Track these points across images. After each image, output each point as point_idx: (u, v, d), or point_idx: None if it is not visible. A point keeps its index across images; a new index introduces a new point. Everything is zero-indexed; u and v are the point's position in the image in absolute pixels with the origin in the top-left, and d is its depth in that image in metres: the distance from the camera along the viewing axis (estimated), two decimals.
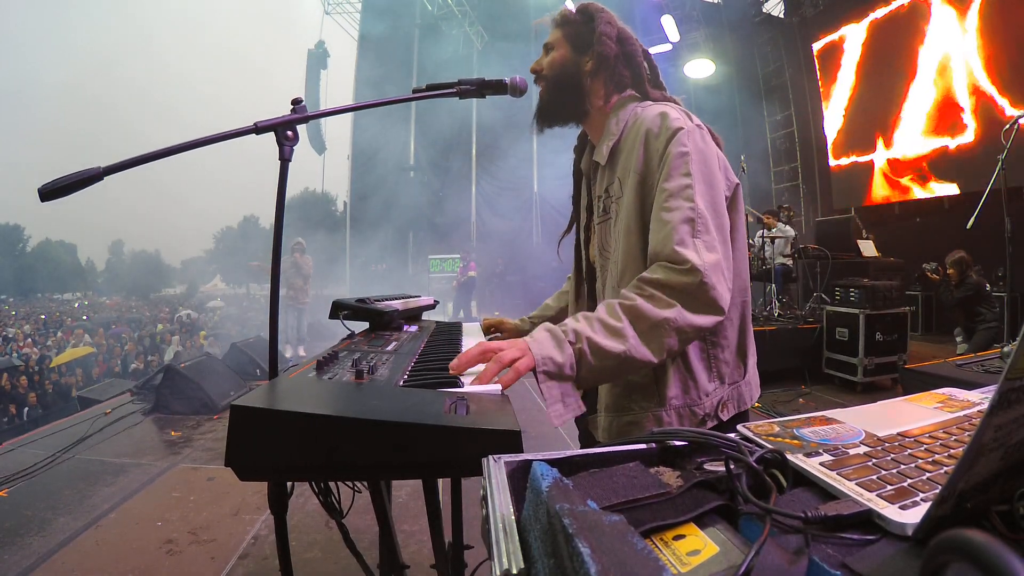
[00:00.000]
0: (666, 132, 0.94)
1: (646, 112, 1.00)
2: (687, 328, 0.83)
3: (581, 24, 1.09)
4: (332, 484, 1.00)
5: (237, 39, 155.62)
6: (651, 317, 0.82)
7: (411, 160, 12.49)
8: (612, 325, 0.82)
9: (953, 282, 4.77)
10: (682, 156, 0.92)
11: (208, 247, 48.32)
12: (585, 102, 1.10)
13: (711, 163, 0.94)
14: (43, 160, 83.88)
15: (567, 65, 1.08)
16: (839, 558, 0.34)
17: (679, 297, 0.84)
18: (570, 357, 0.79)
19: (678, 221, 0.88)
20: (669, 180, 0.92)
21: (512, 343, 0.80)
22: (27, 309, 29.45)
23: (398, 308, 1.31)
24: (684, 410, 0.99)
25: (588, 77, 1.08)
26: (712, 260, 0.86)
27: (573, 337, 0.81)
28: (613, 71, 1.07)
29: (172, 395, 4.43)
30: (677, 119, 0.96)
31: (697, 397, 0.99)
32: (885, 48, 8.71)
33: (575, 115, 1.13)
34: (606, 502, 0.40)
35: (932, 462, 0.45)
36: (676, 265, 0.86)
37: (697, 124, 0.97)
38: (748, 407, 1.03)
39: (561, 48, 1.09)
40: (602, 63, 1.06)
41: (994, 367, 1.80)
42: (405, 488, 2.77)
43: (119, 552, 2.31)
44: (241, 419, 0.58)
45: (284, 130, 0.97)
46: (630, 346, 0.81)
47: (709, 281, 0.84)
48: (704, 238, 0.88)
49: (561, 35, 1.10)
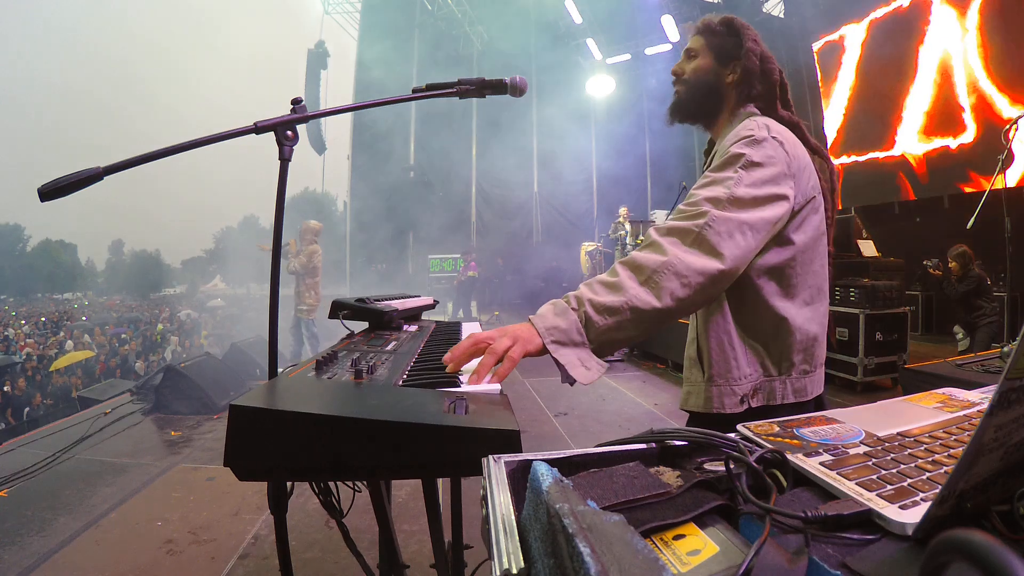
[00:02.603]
0: (736, 137, 0.99)
1: (745, 123, 1.04)
2: (686, 272, 0.83)
3: (726, 36, 1.15)
4: (332, 484, 1.00)
5: (237, 39, 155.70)
6: (648, 265, 0.83)
7: (411, 160, 12.48)
8: (609, 281, 0.84)
9: (956, 275, 4.76)
10: (737, 157, 0.95)
11: (208, 247, 48.37)
12: (718, 109, 1.16)
13: (769, 171, 0.94)
14: (43, 160, 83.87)
15: (710, 74, 1.15)
16: (839, 558, 0.34)
17: (679, 240, 0.85)
18: (575, 322, 0.80)
19: (704, 196, 0.90)
20: (717, 170, 0.95)
21: (502, 331, 0.79)
22: (27, 309, 29.46)
23: (398, 308, 1.31)
24: (725, 387, 1.03)
25: (726, 88, 1.15)
26: (726, 215, 0.87)
27: (575, 303, 0.82)
28: (750, 86, 1.13)
29: (172, 395, 4.43)
30: (754, 129, 0.99)
31: (736, 378, 1.03)
32: (885, 48, 8.70)
33: (705, 119, 1.19)
34: (606, 502, 0.39)
35: (932, 462, 0.45)
36: (686, 212, 0.89)
37: (774, 136, 0.98)
38: (780, 403, 1.04)
39: (705, 57, 1.15)
40: (743, 77, 1.12)
41: (994, 367, 1.80)
42: (405, 488, 2.77)
43: (119, 552, 2.31)
44: (241, 419, 0.58)
45: (284, 130, 0.97)
46: (630, 296, 0.81)
47: (715, 226, 0.85)
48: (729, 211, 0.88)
49: (704, 44, 1.16)
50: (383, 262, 12.32)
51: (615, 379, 5.24)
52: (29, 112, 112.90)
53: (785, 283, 1.02)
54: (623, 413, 4.08)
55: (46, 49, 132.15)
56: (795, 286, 1.03)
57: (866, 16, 9.04)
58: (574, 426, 3.85)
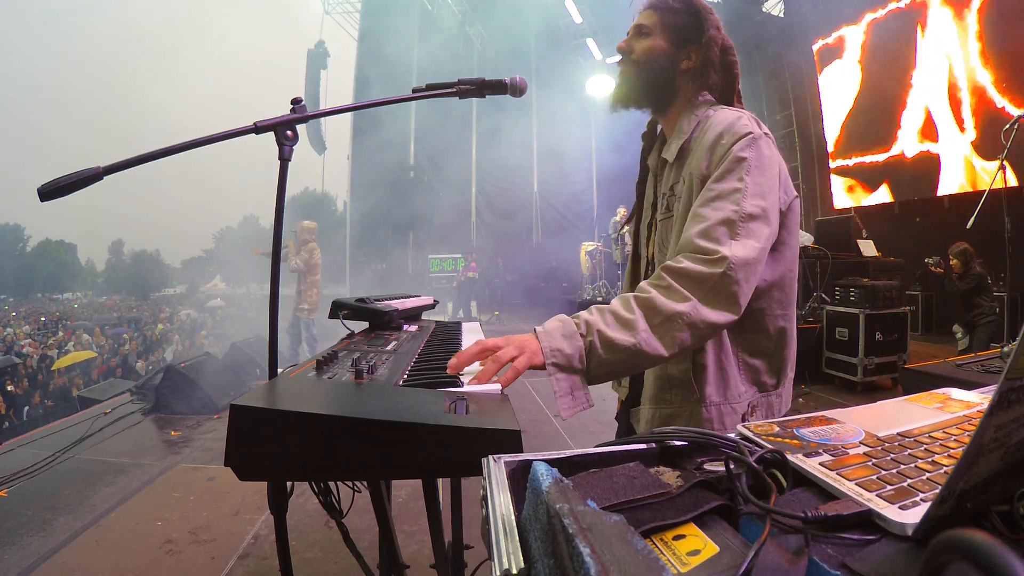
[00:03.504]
0: (732, 136, 0.93)
1: (718, 115, 0.99)
2: (700, 324, 0.81)
3: (684, 16, 1.04)
4: (332, 484, 1.00)
5: (237, 39, 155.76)
6: (665, 310, 0.80)
7: (411, 160, 12.47)
8: (624, 317, 0.81)
9: (957, 273, 4.76)
10: (740, 161, 0.90)
11: (208, 247, 48.30)
12: (670, 97, 1.07)
13: (769, 174, 0.92)
14: (43, 160, 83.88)
15: (664, 58, 1.05)
16: (839, 558, 0.34)
17: (697, 289, 0.82)
18: (579, 349, 0.78)
19: (716, 220, 0.86)
20: (720, 181, 0.90)
21: (509, 340, 0.79)
22: (27, 309, 29.46)
23: (397, 308, 1.31)
24: (725, 407, 0.99)
25: (681, 75, 1.05)
26: (743, 257, 0.84)
27: (584, 329, 0.80)
28: (707, 75, 1.05)
29: (172, 395, 4.43)
30: (746, 125, 0.94)
31: (735, 396, 0.99)
32: (885, 48, 8.71)
33: (656, 106, 1.10)
34: (606, 502, 0.39)
35: (932, 462, 0.45)
36: (703, 255, 0.84)
37: (765, 132, 0.96)
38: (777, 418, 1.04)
39: (658, 37, 1.05)
40: (701, 66, 1.04)
41: (994, 367, 1.80)
42: (405, 488, 2.76)
43: (119, 552, 2.31)
44: (241, 419, 0.58)
45: (284, 130, 0.97)
46: (641, 339, 0.79)
47: (734, 275, 0.82)
48: (742, 239, 0.85)
49: (659, 21, 1.05)
50: (383, 262, 12.31)
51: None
52: (29, 112, 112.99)
53: (783, 292, 1.00)
54: None
55: (46, 49, 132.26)
56: (789, 294, 1.01)
57: (866, 16, 9.04)
58: (574, 426, 3.85)
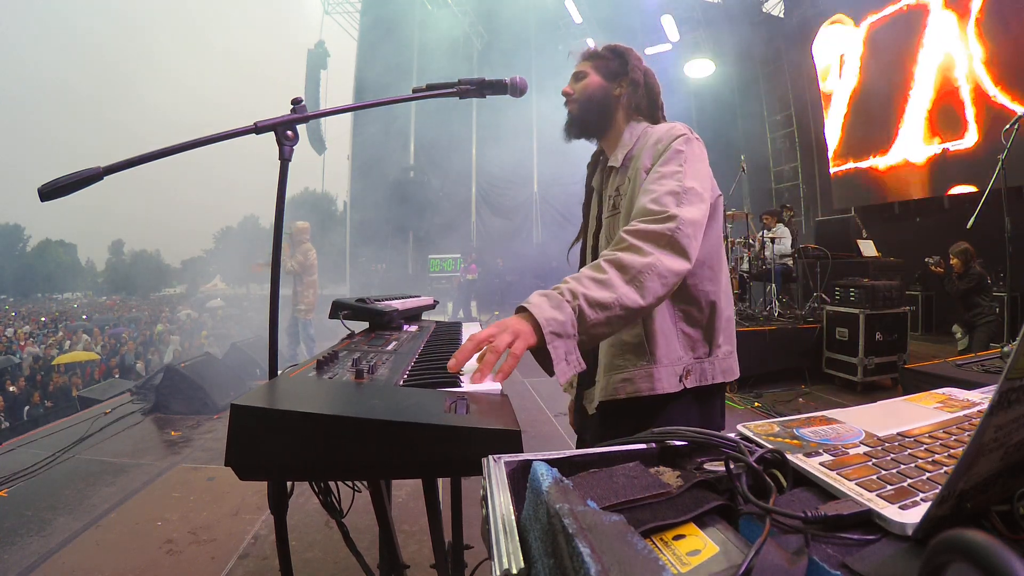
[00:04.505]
0: (671, 136, 1.11)
1: (656, 127, 1.19)
2: (666, 273, 0.91)
3: (611, 59, 1.28)
4: (332, 484, 1.00)
5: (237, 39, 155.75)
6: (634, 266, 0.90)
7: (411, 160, 12.47)
8: (599, 278, 0.89)
9: (957, 272, 4.75)
10: (679, 153, 1.07)
11: (208, 247, 48.26)
12: (609, 120, 1.28)
13: (701, 166, 1.08)
14: (43, 160, 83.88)
15: (599, 90, 1.27)
16: (839, 558, 0.34)
17: (656, 243, 0.93)
18: (570, 315, 0.83)
19: (664, 191, 1.00)
20: (664, 165, 1.07)
21: (500, 326, 0.80)
22: (27, 309, 29.46)
23: (398, 308, 1.32)
24: (670, 368, 1.12)
25: (615, 100, 1.27)
26: (690, 217, 0.96)
27: (569, 296, 0.85)
28: (636, 99, 1.26)
29: (172, 395, 4.43)
30: (681, 129, 1.13)
31: (676, 359, 1.13)
32: (885, 48, 8.70)
33: (598, 130, 1.31)
34: (606, 502, 0.39)
35: (932, 462, 0.45)
36: (655, 216, 0.97)
37: (696, 137, 1.14)
38: (711, 383, 1.16)
39: (593, 76, 1.28)
40: (630, 91, 1.26)
41: (994, 367, 1.80)
42: (405, 488, 2.77)
43: (119, 552, 2.31)
44: (241, 418, 0.58)
45: (284, 130, 0.97)
46: (620, 293, 0.87)
47: (684, 230, 0.95)
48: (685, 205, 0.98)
49: (591, 66, 1.28)
50: (383, 262, 12.31)
51: None
52: (29, 112, 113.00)
53: (711, 270, 1.15)
54: None
55: (46, 48, 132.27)
56: (717, 271, 1.16)
57: (866, 17, 9.04)
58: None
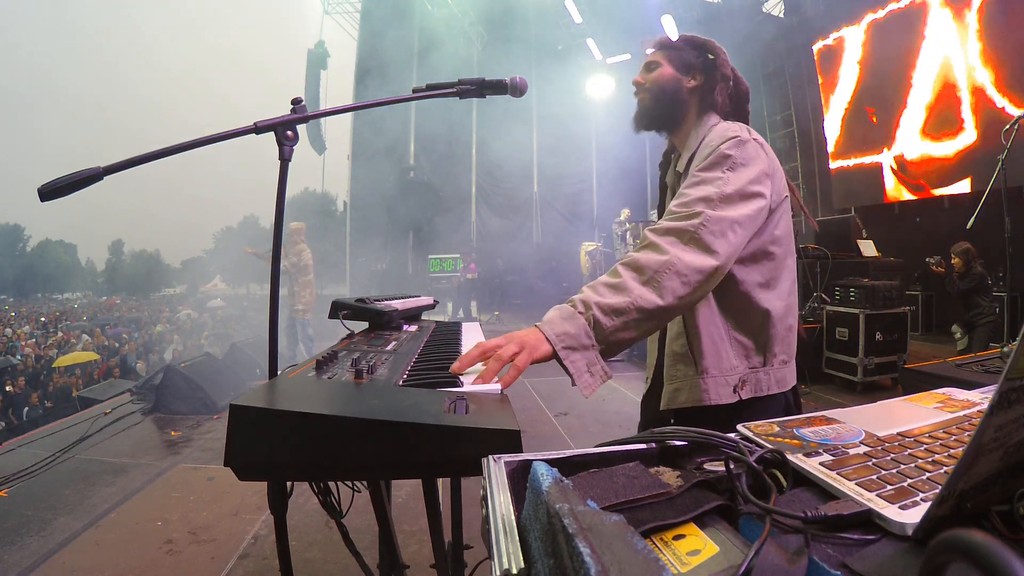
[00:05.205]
0: (722, 138, 1.05)
1: (717, 127, 1.11)
2: (686, 271, 0.87)
3: (685, 51, 1.21)
4: (332, 484, 1.00)
5: (237, 39, 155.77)
6: (650, 265, 0.86)
7: (411, 160, 12.47)
8: (612, 282, 0.86)
9: (958, 272, 4.75)
10: (726, 158, 1.00)
11: (208, 247, 48.21)
12: (680, 115, 1.21)
13: (753, 169, 1.00)
14: (43, 160, 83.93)
15: (670, 81, 1.20)
16: (839, 558, 0.34)
17: (676, 239, 0.89)
18: (583, 326, 0.81)
19: (696, 196, 0.95)
20: (706, 171, 1.00)
21: (509, 338, 0.80)
22: (27, 309, 29.45)
23: (397, 308, 1.31)
24: (720, 379, 1.06)
25: (688, 93, 1.20)
26: (721, 213, 0.91)
27: (581, 307, 0.83)
28: (713, 95, 1.18)
29: (172, 395, 4.43)
30: (735, 130, 1.05)
31: (728, 369, 1.07)
32: (885, 48, 8.70)
33: (668, 124, 1.23)
34: (606, 502, 0.39)
35: (932, 462, 0.45)
36: (680, 213, 0.93)
37: (755, 138, 1.06)
38: (766, 394, 1.09)
39: (665, 67, 1.21)
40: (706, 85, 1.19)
41: (994, 367, 1.79)
42: (405, 488, 2.76)
43: (119, 552, 2.31)
44: (241, 418, 0.58)
45: (284, 130, 0.96)
46: (635, 296, 0.84)
47: (709, 225, 0.90)
48: (719, 208, 0.92)
49: (664, 55, 1.22)
50: (383, 262, 12.30)
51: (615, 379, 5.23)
52: (29, 112, 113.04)
53: (767, 277, 1.09)
54: (623, 413, 4.07)
55: (45, 48, 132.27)
56: (775, 280, 1.10)
57: (866, 17, 9.04)
58: (574, 426, 3.85)
